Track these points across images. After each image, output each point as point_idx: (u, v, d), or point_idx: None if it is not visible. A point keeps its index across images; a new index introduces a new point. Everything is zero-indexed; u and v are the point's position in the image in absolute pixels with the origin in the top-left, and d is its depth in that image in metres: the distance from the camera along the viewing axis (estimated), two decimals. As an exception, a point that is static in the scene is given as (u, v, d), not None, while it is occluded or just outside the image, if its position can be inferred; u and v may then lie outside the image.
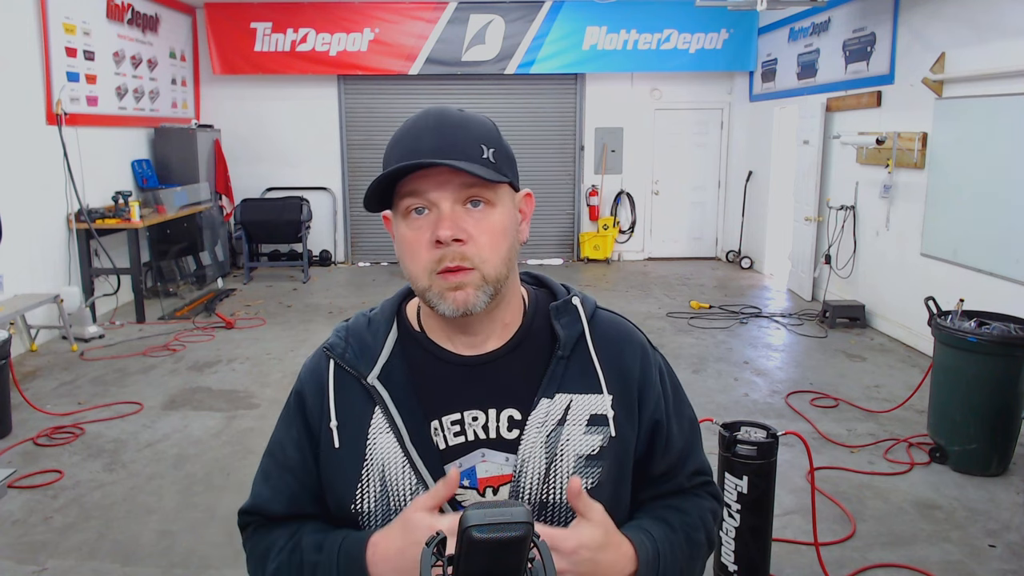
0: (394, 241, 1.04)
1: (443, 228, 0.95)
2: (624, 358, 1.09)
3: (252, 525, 1.12)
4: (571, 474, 1.02)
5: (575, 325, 1.08)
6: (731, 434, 2.78)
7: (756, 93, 9.67)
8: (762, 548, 2.81)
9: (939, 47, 5.70)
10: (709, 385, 5.21)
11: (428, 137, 0.97)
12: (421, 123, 0.99)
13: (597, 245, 10.07)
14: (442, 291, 0.97)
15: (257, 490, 1.12)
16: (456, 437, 1.03)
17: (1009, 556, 3.12)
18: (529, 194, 1.08)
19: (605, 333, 1.10)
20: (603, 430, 1.04)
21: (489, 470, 1.02)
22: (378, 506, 1.02)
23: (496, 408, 1.04)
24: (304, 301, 7.95)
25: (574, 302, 1.11)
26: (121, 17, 7.64)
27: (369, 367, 1.05)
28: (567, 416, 1.03)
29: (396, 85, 9.81)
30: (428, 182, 0.96)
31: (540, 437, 1.01)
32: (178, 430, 4.44)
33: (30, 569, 3.03)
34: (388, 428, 1.02)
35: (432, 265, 0.97)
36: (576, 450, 1.03)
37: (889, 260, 6.49)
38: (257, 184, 9.78)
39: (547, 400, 1.03)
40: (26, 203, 5.98)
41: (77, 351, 5.98)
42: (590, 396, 1.05)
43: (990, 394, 3.76)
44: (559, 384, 1.04)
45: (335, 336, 1.10)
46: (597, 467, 1.03)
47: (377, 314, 1.12)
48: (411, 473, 1.01)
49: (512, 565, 0.79)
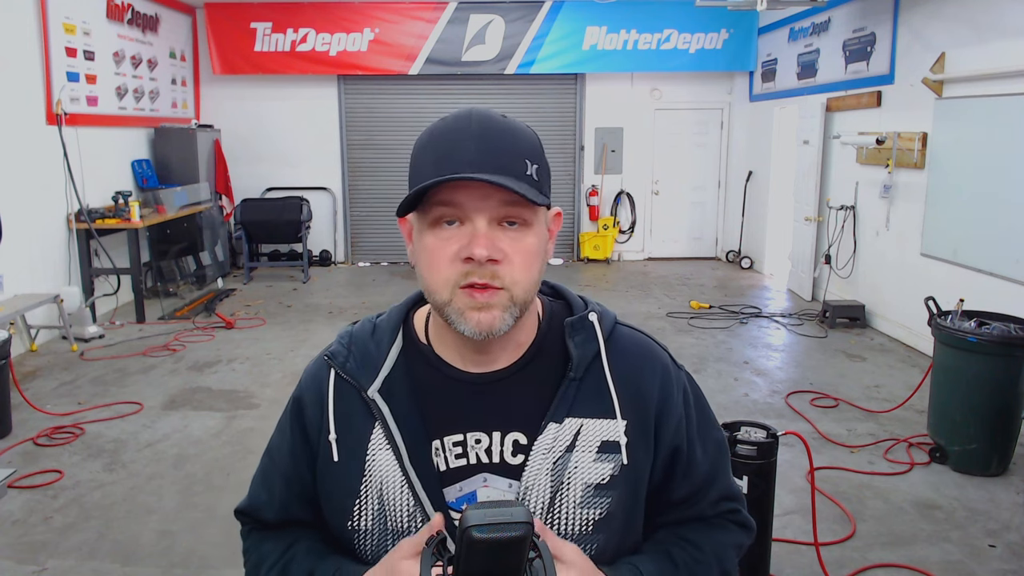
0: (410, 245, 0.99)
1: (479, 246, 0.88)
2: (643, 380, 1.03)
3: (247, 527, 1.12)
4: (578, 504, 0.96)
5: (590, 344, 1.02)
6: (731, 434, 2.78)
7: (756, 93, 9.67)
8: (762, 548, 2.81)
9: (939, 47, 5.70)
10: (709, 385, 5.20)
11: (471, 145, 0.89)
12: (463, 126, 0.91)
13: (597, 245, 10.07)
14: (464, 309, 0.91)
15: (253, 491, 1.11)
16: (457, 460, 0.98)
17: (1009, 556, 3.12)
18: (559, 212, 1.02)
19: (623, 352, 1.04)
20: (615, 457, 0.98)
21: (491, 496, 0.98)
22: (376, 524, 0.98)
23: (501, 431, 0.98)
24: (304, 301, 7.95)
25: (591, 318, 1.04)
26: (121, 17, 7.64)
27: (370, 379, 1.00)
28: (576, 442, 0.97)
29: (396, 85, 9.81)
30: (467, 195, 0.89)
31: (546, 464, 0.96)
32: (178, 430, 4.44)
33: (30, 569, 3.03)
34: (387, 445, 0.97)
35: (456, 278, 0.90)
36: (584, 478, 0.97)
37: (889, 260, 6.49)
38: (257, 184, 9.78)
39: (555, 424, 0.97)
40: (26, 203, 5.98)
41: (77, 351, 5.98)
42: (602, 421, 0.99)
43: (990, 394, 3.76)
44: (569, 407, 0.98)
45: (338, 343, 1.05)
46: (607, 496, 0.97)
47: (383, 321, 1.06)
48: (409, 495, 0.96)
49: (512, 565, 0.79)
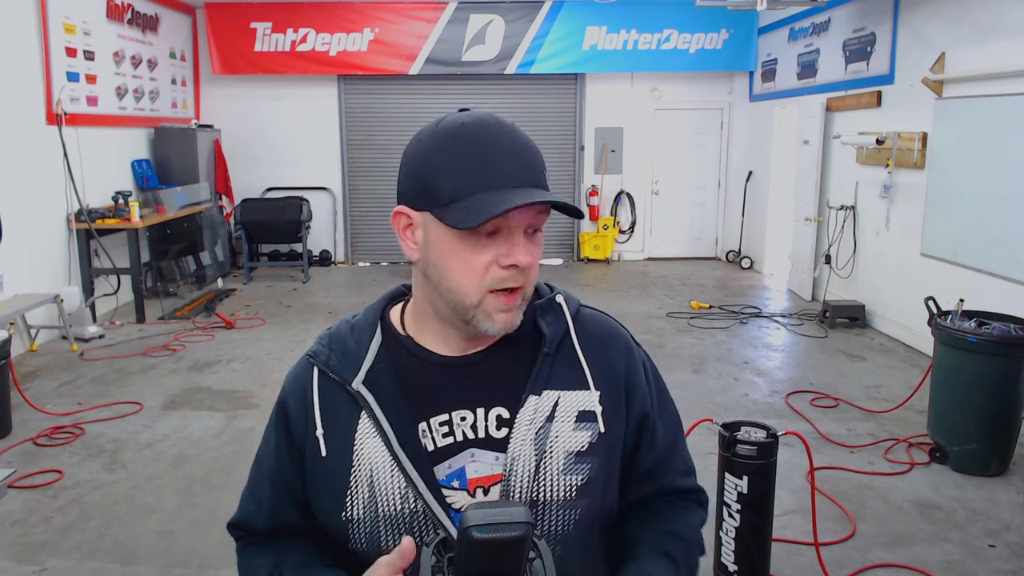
0: (406, 241, 1.02)
1: (524, 255, 0.96)
2: (610, 354, 1.10)
3: (241, 540, 1.14)
4: (561, 471, 1.02)
5: (560, 323, 1.09)
6: (731, 434, 2.78)
7: (756, 93, 9.67)
8: (762, 548, 2.81)
9: (939, 47, 5.70)
10: (709, 385, 5.21)
11: (511, 163, 0.95)
12: (497, 144, 0.96)
13: (597, 245, 10.07)
14: (493, 312, 0.98)
15: (243, 503, 1.13)
16: (445, 438, 1.02)
17: (1009, 556, 3.12)
18: None
19: (590, 330, 1.11)
20: (592, 426, 1.04)
21: (479, 470, 1.02)
22: (367, 513, 1.00)
23: (484, 407, 1.03)
24: (304, 301, 7.95)
25: (558, 300, 1.11)
26: (121, 17, 7.64)
27: (353, 373, 1.04)
28: (555, 413, 1.03)
29: (396, 85, 9.81)
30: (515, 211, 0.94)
31: (529, 434, 1.01)
32: (178, 430, 4.44)
33: (30, 569, 3.03)
34: (375, 432, 1.01)
35: (491, 283, 0.97)
36: (566, 446, 1.02)
37: (889, 260, 6.49)
38: (257, 184, 9.78)
39: (535, 397, 1.03)
40: (26, 203, 5.98)
41: (77, 351, 5.98)
42: (578, 392, 1.05)
43: (990, 394, 3.76)
44: (546, 381, 1.04)
45: (318, 344, 1.09)
46: (587, 463, 1.03)
47: (360, 320, 1.11)
48: (400, 476, 0.99)
49: (512, 565, 0.79)
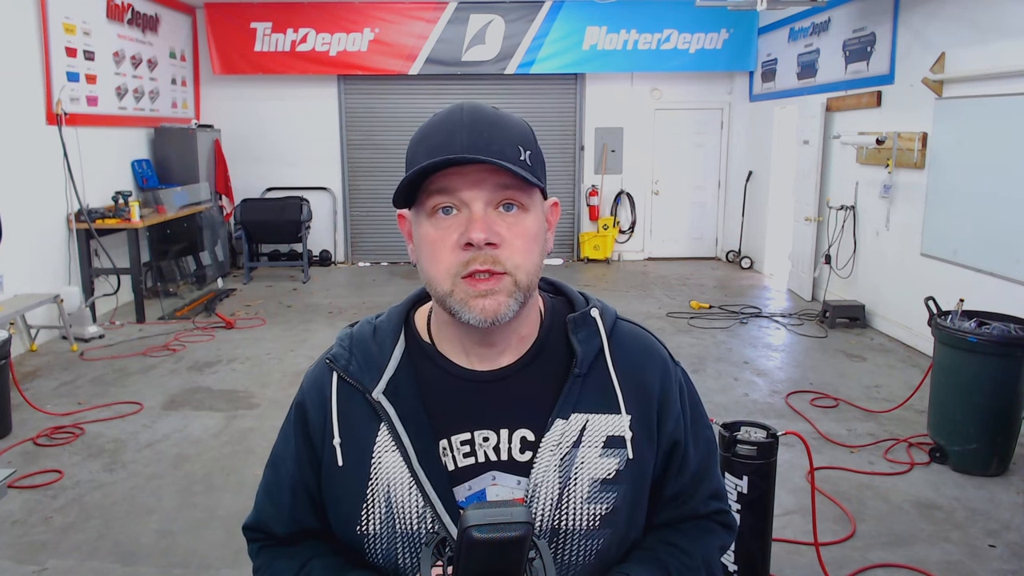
0: (410, 241, 0.99)
1: (476, 230, 0.88)
2: (645, 374, 1.04)
3: (258, 543, 1.10)
4: (585, 499, 0.97)
5: (593, 340, 1.02)
6: (731, 434, 2.78)
7: (756, 93, 9.67)
8: (762, 548, 2.81)
9: (939, 47, 5.69)
10: (709, 385, 5.21)
11: (462, 133, 0.89)
12: (455, 118, 0.92)
13: (597, 245, 10.07)
14: (467, 298, 0.91)
15: (260, 505, 1.09)
16: (466, 458, 0.98)
17: (1009, 556, 3.12)
18: (556, 203, 1.03)
19: (625, 347, 1.04)
20: (620, 452, 0.99)
21: (500, 494, 0.98)
22: (384, 528, 0.97)
23: (508, 429, 0.98)
24: (304, 301, 7.95)
25: (593, 314, 1.04)
26: (121, 17, 7.64)
27: (374, 381, 0.99)
28: (582, 438, 0.98)
29: (396, 85, 9.81)
30: (461, 180, 0.89)
31: (554, 460, 0.96)
32: (178, 430, 4.44)
33: (30, 569, 3.03)
34: (394, 447, 0.97)
35: (457, 268, 0.90)
36: (591, 474, 0.98)
37: (889, 260, 6.49)
38: (257, 184, 9.78)
39: (562, 421, 0.97)
40: (26, 203, 5.98)
41: (77, 351, 5.98)
42: (607, 416, 0.99)
43: (990, 394, 3.75)
44: (575, 404, 0.99)
45: (338, 346, 1.04)
46: (612, 491, 0.98)
47: (383, 322, 1.05)
48: (418, 495, 0.96)
49: (512, 565, 0.79)
